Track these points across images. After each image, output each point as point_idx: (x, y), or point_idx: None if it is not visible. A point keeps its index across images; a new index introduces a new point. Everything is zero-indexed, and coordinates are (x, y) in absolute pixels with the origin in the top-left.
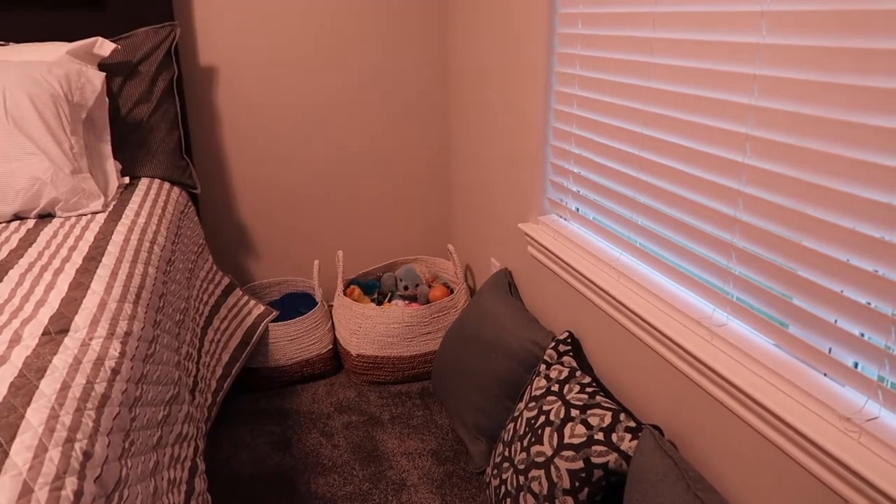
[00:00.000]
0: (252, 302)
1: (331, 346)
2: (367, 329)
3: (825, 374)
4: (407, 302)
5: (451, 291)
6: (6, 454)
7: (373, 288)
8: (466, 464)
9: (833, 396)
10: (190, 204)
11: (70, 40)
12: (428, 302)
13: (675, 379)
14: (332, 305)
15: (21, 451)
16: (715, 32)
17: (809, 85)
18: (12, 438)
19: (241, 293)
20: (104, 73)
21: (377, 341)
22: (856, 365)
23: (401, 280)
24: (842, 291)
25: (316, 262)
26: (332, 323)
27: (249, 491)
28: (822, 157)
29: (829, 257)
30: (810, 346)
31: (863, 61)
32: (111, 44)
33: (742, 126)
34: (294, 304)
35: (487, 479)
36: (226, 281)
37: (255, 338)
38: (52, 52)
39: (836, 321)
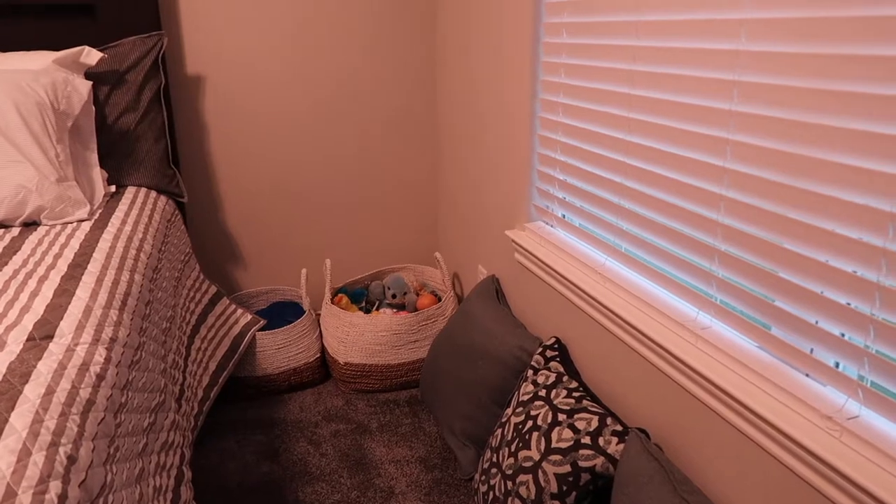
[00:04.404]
0: (239, 311)
1: (318, 355)
2: (355, 337)
3: (807, 375)
4: (395, 310)
5: (439, 299)
6: None
7: (360, 296)
8: (455, 471)
9: (815, 396)
10: (177, 213)
11: (57, 49)
12: (416, 310)
13: (660, 382)
14: (319, 314)
15: (4, 455)
16: (696, 40)
17: (788, 90)
18: None
19: (228, 302)
20: (91, 82)
21: (365, 349)
22: (836, 365)
23: (388, 288)
24: (822, 292)
25: (303, 270)
26: (320, 331)
27: (237, 500)
28: (801, 161)
29: (810, 259)
30: (792, 347)
31: (840, 67)
32: (98, 53)
33: (723, 131)
34: (282, 313)
35: (476, 486)
36: (213, 290)
37: (242, 346)
38: (38, 61)
39: (816, 322)
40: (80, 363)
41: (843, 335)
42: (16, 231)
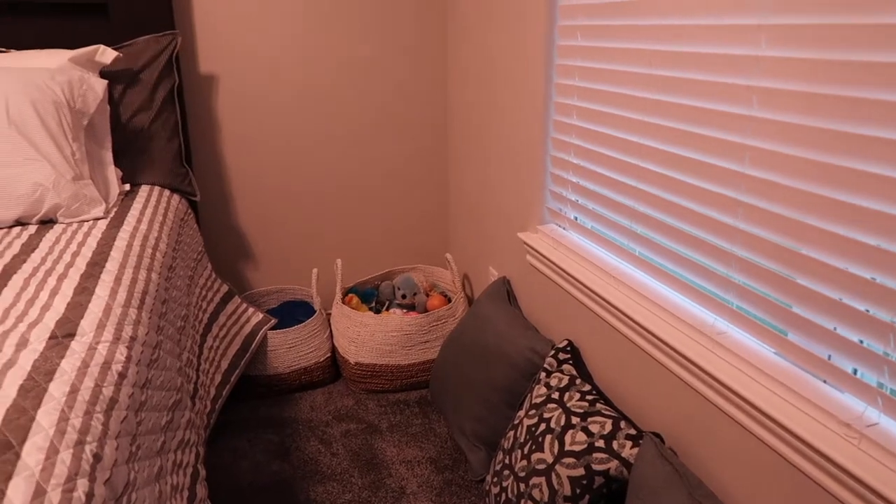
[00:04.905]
0: (251, 310)
1: (329, 355)
2: (366, 337)
3: (825, 381)
4: (405, 310)
5: (449, 300)
6: (18, 456)
7: (371, 296)
8: (465, 472)
9: (833, 403)
10: (189, 211)
11: (73, 48)
12: (426, 311)
13: (675, 386)
14: (330, 314)
15: (33, 453)
16: (714, 45)
17: (807, 96)
18: (24, 440)
19: (239, 301)
20: (106, 81)
21: (375, 350)
22: (855, 371)
23: (398, 289)
24: (840, 299)
25: (314, 270)
26: (331, 331)
27: (249, 499)
28: (819, 167)
29: (828, 265)
30: (810, 354)
31: (859, 73)
32: (113, 51)
33: (741, 137)
34: (292, 313)
35: (487, 487)
36: (225, 288)
37: (253, 345)
38: (54, 59)
39: (835, 328)
40: (102, 361)
41: (861, 342)
42: (33, 229)
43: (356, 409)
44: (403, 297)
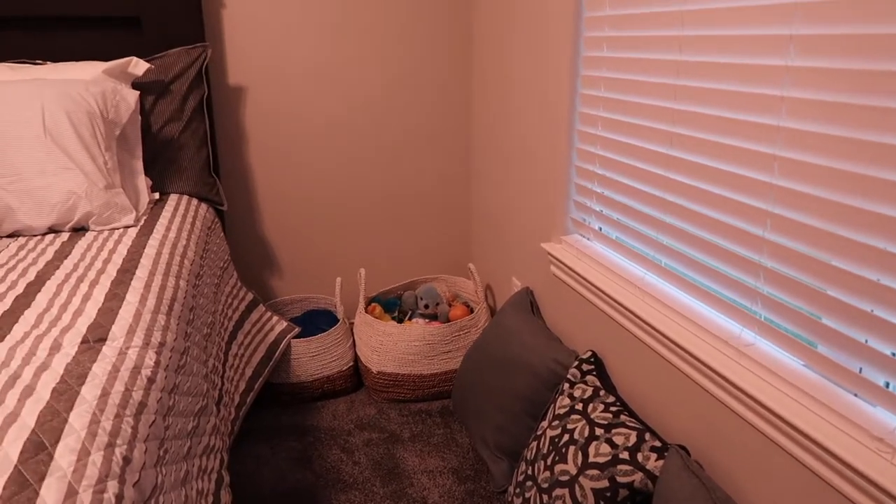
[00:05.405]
0: (275, 318)
1: (352, 364)
2: (389, 347)
3: (855, 394)
4: (427, 320)
5: (472, 311)
6: (51, 457)
7: (393, 306)
8: (487, 483)
9: (864, 416)
10: (216, 220)
11: (106, 60)
12: (448, 320)
13: (701, 398)
14: (353, 323)
15: (65, 454)
16: (743, 55)
17: (837, 106)
18: (56, 441)
19: (264, 309)
20: (138, 92)
21: (398, 359)
22: (887, 385)
23: (421, 298)
24: (872, 311)
25: (338, 279)
26: (354, 340)
27: None
28: (850, 178)
29: (859, 277)
30: (840, 366)
31: (890, 83)
32: (145, 63)
33: (770, 147)
34: (316, 321)
35: (509, 498)
36: (250, 296)
37: (277, 353)
38: (89, 71)
39: (866, 341)
40: (132, 366)
41: (894, 355)
42: (65, 236)
43: (378, 418)
44: (426, 306)
